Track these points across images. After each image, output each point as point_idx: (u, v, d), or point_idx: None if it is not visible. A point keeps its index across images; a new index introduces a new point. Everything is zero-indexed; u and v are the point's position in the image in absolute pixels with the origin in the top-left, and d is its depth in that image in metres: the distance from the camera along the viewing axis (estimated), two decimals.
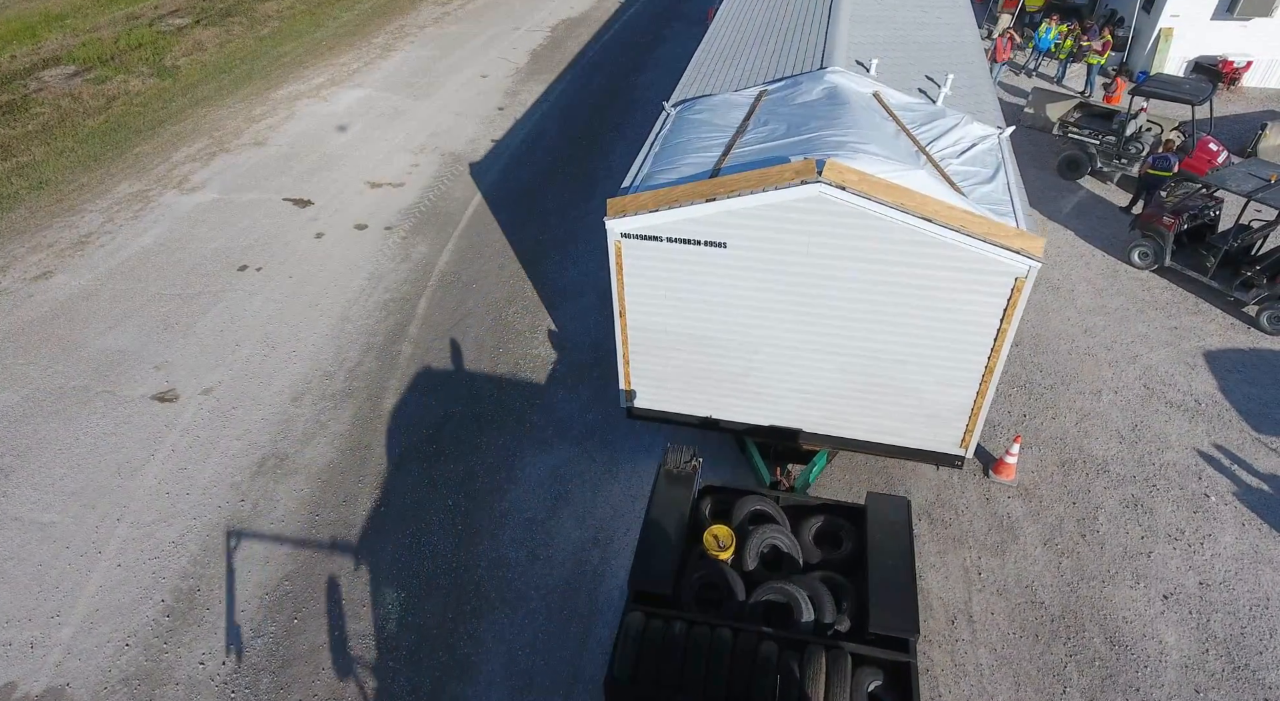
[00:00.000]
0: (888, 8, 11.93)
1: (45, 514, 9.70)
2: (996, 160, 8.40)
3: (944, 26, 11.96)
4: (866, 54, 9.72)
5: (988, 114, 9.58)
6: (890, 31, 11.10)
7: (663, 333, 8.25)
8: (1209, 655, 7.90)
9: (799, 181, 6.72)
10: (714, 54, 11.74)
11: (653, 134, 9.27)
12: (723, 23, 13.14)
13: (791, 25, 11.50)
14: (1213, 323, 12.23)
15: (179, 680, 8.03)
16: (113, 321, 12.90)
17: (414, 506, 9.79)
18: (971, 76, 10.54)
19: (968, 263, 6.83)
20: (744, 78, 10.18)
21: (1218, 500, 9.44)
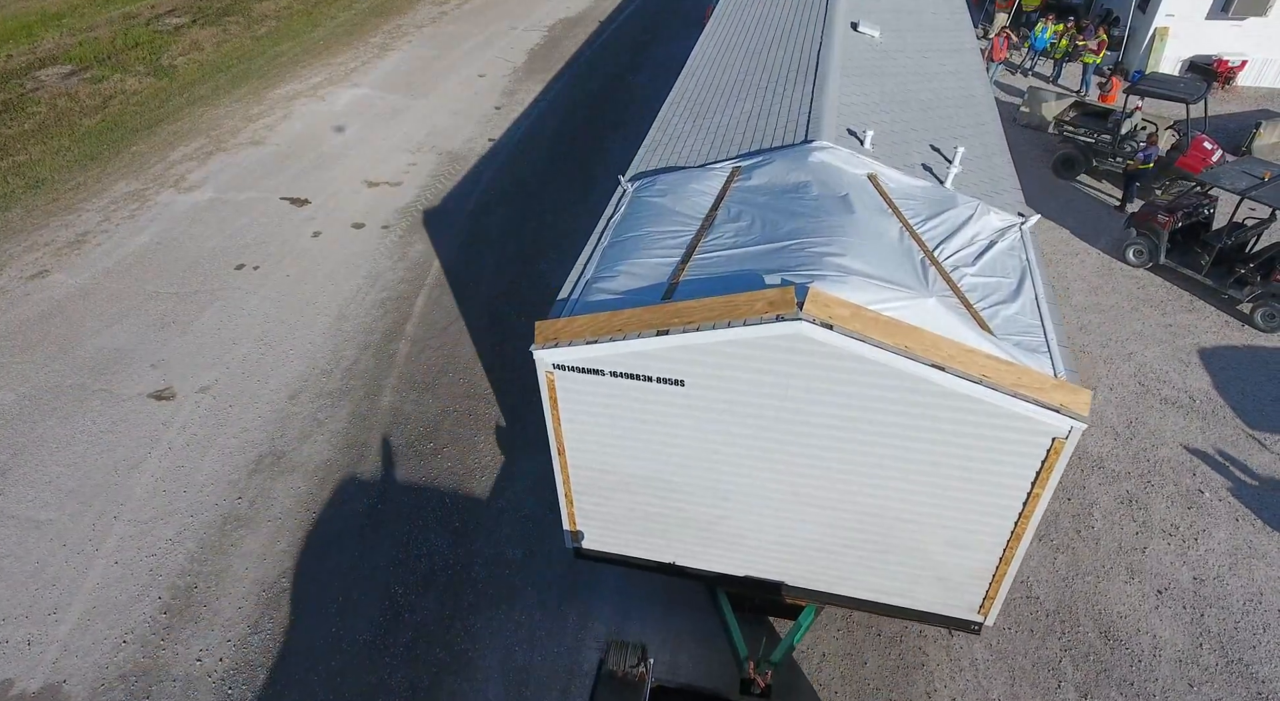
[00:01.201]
0: (883, 55, 10.91)
1: (42, 512, 9.70)
2: (1021, 265, 7.21)
3: (949, 76, 10.99)
4: (860, 118, 8.75)
5: (1006, 193, 8.43)
6: (887, 87, 10.06)
7: (613, 473, 6.97)
8: (1203, 649, 7.94)
9: (774, 317, 5.38)
10: (683, 110, 10.40)
11: (603, 220, 7.96)
12: (696, 68, 11.84)
13: (774, 78, 10.25)
14: (1207, 320, 12.29)
15: (176, 677, 8.04)
16: (109, 320, 12.90)
17: (411, 504, 9.81)
18: (985, 144, 9.43)
19: (992, 420, 5.50)
20: (716, 144, 8.97)
21: (1212, 496, 9.48)
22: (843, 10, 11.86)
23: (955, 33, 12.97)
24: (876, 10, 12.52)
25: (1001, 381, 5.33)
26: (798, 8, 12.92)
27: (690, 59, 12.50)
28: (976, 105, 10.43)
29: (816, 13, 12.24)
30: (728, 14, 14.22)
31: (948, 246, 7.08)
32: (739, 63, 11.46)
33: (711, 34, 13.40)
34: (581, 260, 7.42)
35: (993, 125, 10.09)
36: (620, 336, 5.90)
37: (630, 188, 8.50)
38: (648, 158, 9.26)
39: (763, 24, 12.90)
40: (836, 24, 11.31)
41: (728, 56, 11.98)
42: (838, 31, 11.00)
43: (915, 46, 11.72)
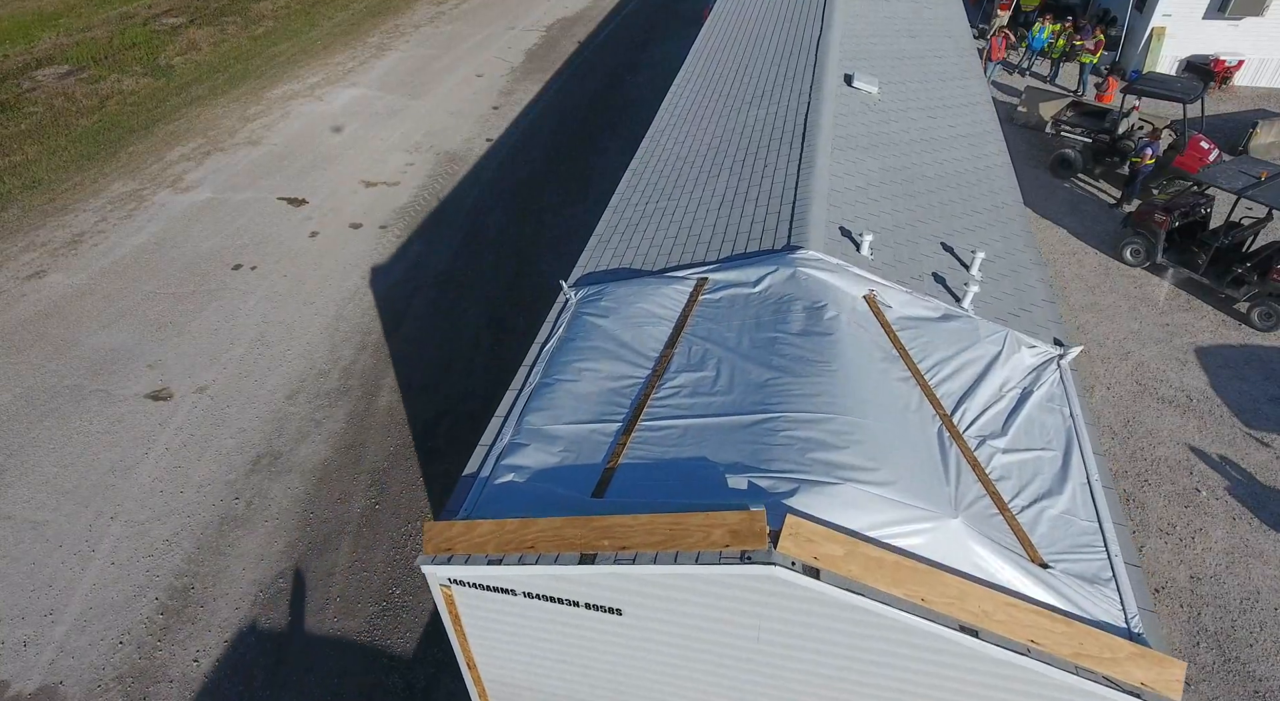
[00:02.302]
0: (882, 117, 9.70)
1: (39, 512, 9.68)
2: (1064, 425, 5.82)
3: (960, 142, 9.76)
4: (855, 208, 7.60)
5: (1036, 307, 6.98)
6: (888, 160, 8.84)
7: (538, 692, 5.95)
8: (1200, 648, 7.95)
9: (739, 555, 4.15)
10: (644, 187, 9.08)
11: (536, 346, 6.83)
12: (665, 128, 10.51)
13: (754, 146, 9.03)
14: (1204, 319, 12.30)
15: (173, 678, 8.03)
16: (106, 320, 12.88)
17: (408, 504, 9.80)
18: (1006, 235, 8.00)
19: (1046, 695, 4.24)
20: (680, 240, 7.70)
21: (1209, 495, 9.50)
22: (835, 59, 10.76)
23: (964, 81, 11.88)
24: (874, 57, 11.50)
25: (1057, 649, 3.99)
26: (785, 53, 11.68)
27: (660, 112, 11.16)
28: (994, 180, 9.16)
29: (805, 60, 11.05)
30: (706, 53, 12.92)
31: (971, 404, 5.67)
32: (715, 122, 10.21)
33: (686, 80, 12.14)
34: (505, 404, 6.15)
35: (1015, 209, 8.64)
36: (532, 556, 4.65)
37: (573, 297, 7.16)
38: (598, 253, 7.94)
39: (744, 71, 11.56)
40: (828, 77, 10.17)
41: (703, 112, 10.70)
42: (829, 86, 9.90)
43: (920, 102, 10.58)
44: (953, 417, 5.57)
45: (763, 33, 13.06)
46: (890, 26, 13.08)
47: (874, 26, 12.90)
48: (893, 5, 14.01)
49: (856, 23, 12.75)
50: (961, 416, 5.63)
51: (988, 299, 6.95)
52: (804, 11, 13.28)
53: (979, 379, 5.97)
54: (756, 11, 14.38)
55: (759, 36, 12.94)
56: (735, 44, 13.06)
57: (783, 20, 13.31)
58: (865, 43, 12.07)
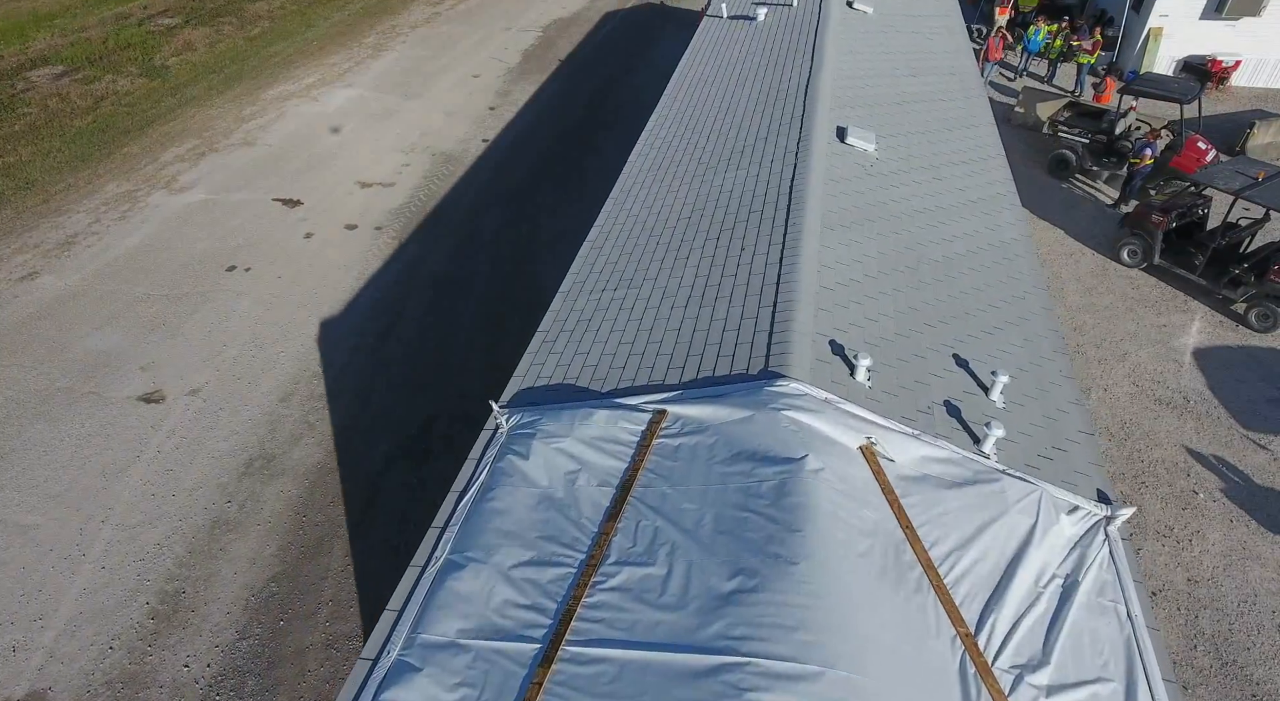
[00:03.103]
0: (880, 181, 8.59)
1: (29, 516, 9.61)
2: (1122, 637, 4.71)
3: (972, 210, 8.54)
4: (849, 312, 6.55)
5: (1071, 443, 5.83)
6: (888, 241, 7.72)
7: None
8: (1197, 651, 7.90)
9: None
10: (602, 267, 7.99)
11: (453, 496, 5.86)
12: (628, 191, 9.37)
13: (729, 219, 7.96)
14: (1201, 320, 12.26)
15: (163, 683, 7.96)
16: (99, 322, 12.81)
17: (402, 507, 9.73)
18: (1029, 336, 6.90)
19: None
20: (637, 348, 6.59)
21: (1206, 497, 9.45)
22: (826, 107, 9.65)
23: (973, 129, 10.69)
24: (871, 102, 10.37)
25: None
26: (770, 97, 10.50)
27: (628, 165, 9.98)
28: (1013, 261, 7.96)
29: (792, 108, 9.85)
30: (682, 94, 11.77)
31: (1000, 614, 4.53)
32: (688, 184, 8.96)
33: (660, 125, 11.05)
34: (388, 618, 5.04)
35: (1038, 300, 7.37)
36: None
37: (505, 425, 6.18)
38: (541, 358, 6.92)
39: (724, 119, 10.33)
40: (818, 130, 9.02)
41: (675, 168, 9.49)
42: (819, 142, 8.75)
43: (923, 159, 9.39)
44: (977, 637, 4.38)
45: (746, 71, 12.00)
46: (888, 64, 12.08)
47: (870, 64, 11.89)
48: (890, 38, 13.11)
49: (850, 60, 11.71)
50: (989, 635, 4.41)
51: (1013, 432, 5.75)
52: (792, 45, 12.30)
53: (1009, 570, 4.74)
54: (740, 45, 13.36)
55: (741, 76, 11.85)
56: (715, 84, 11.94)
57: (768, 56, 12.25)
58: (860, 85, 10.99)
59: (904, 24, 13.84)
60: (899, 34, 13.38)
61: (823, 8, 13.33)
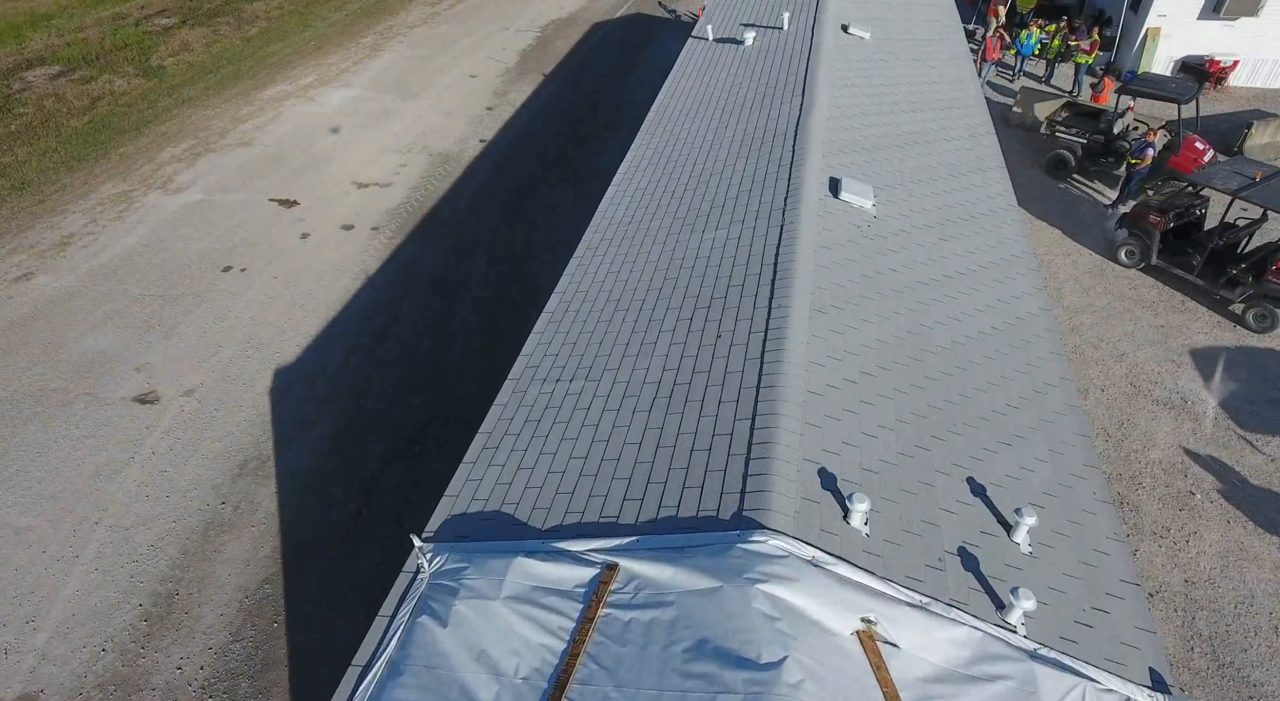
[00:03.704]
0: (878, 244, 7.64)
1: (22, 517, 9.57)
2: None
3: (983, 280, 7.58)
4: (842, 426, 5.58)
5: (1115, 602, 4.98)
6: (889, 324, 6.79)
7: None
8: (1194, 653, 7.87)
9: None
10: (558, 348, 7.17)
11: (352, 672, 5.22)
12: (595, 253, 8.38)
13: (707, 301, 6.98)
14: (1199, 320, 12.24)
15: (156, 685, 7.92)
16: (94, 323, 12.77)
17: (397, 509, 9.70)
18: (1057, 445, 5.99)
19: None
20: (589, 467, 5.66)
21: (1203, 497, 9.43)
22: (818, 153, 8.67)
23: (981, 173, 9.58)
24: (868, 144, 9.46)
25: None
26: (756, 138, 9.56)
27: (598, 215, 9.05)
28: (1033, 345, 6.99)
29: (780, 154, 8.87)
30: (660, 131, 10.78)
31: None
32: (661, 244, 8.05)
33: (634, 168, 10.06)
34: None
35: (1064, 396, 6.48)
36: None
37: (427, 568, 5.30)
38: (476, 475, 5.96)
39: (704, 164, 9.45)
40: (808, 182, 8.06)
41: (648, 223, 8.56)
42: (809, 197, 7.79)
43: (928, 214, 8.39)
44: None
45: (730, 106, 11.02)
46: (887, 98, 11.10)
47: (867, 98, 10.89)
48: (888, 67, 12.08)
49: (845, 95, 10.73)
50: None
51: (1041, 587, 4.84)
52: (782, 76, 11.28)
53: None
54: (725, 73, 12.36)
55: (725, 111, 10.92)
56: (697, 119, 10.98)
57: (756, 87, 11.25)
58: (856, 124, 10.04)
59: (903, 50, 12.85)
60: (898, 62, 12.40)
61: (815, 32, 12.30)
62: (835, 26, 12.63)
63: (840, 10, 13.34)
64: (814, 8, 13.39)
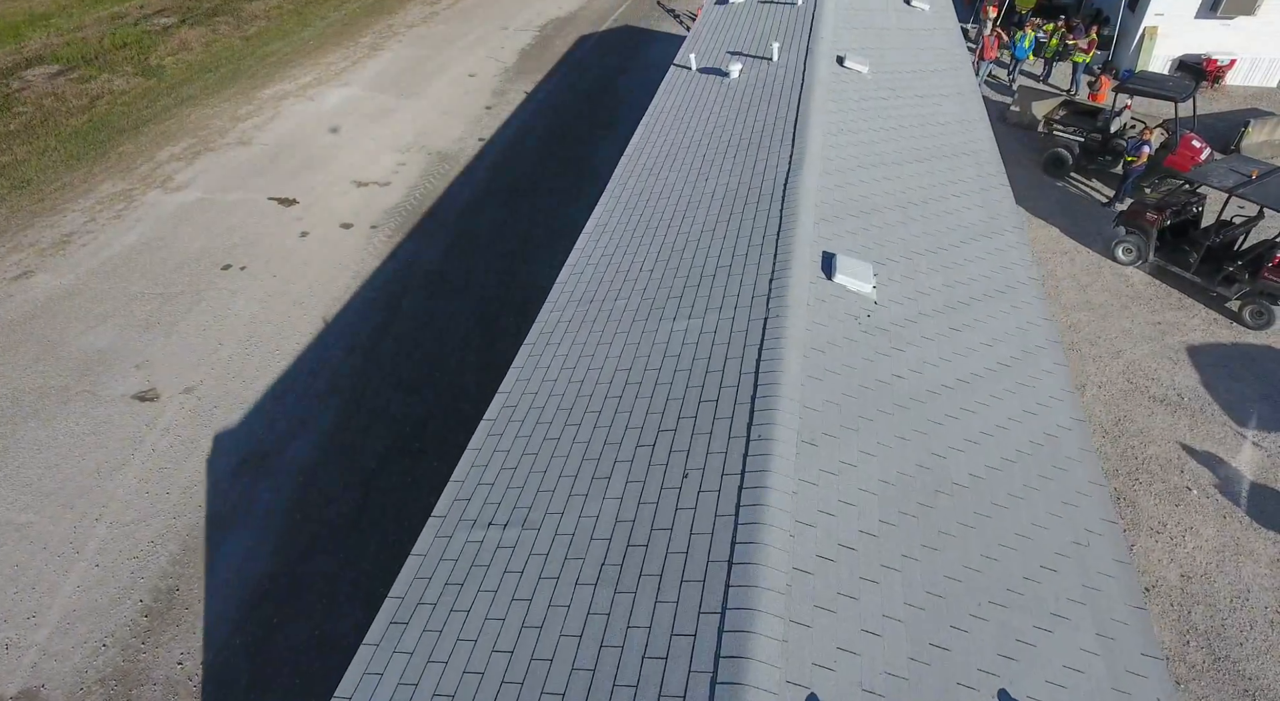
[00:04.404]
0: (881, 339, 6.56)
1: (22, 514, 9.59)
2: None
3: (1001, 383, 6.50)
4: (834, 624, 4.42)
5: None
6: (894, 456, 5.55)
7: None
8: (1190, 647, 7.91)
9: None
10: (495, 474, 6.03)
11: None
12: (546, 341, 7.38)
13: (673, 421, 5.85)
14: (1196, 318, 12.28)
15: (156, 680, 7.95)
16: (94, 321, 12.79)
17: (396, 505, 9.73)
18: (1102, 611, 4.90)
19: None
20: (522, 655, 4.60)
21: (1200, 493, 9.47)
22: (809, 220, 7.62)
23: (997, 238, 8.37)
24: (867, 204, 8.33)
25: None
26: (740, 195, 8.48)
27: (546, 307, 7.83)
28: (1068, 472, 5.84)
29: (766, 219, 7.82)
30: (633, 181, 9.70)
31: None
32: (623, 336, 6.96)
33: (595, 238, 8.79)
34: None
35: (1112, 540, 5.37)
36: None
37: None
38: (376, 672, 4.81)
39: (679, 228, 8.26)
40: (798, 257, 6.98)
41: (606, 305, 7.50)
42: (799, 279, 6.70)
43: (937, 297, 7.26)
44: None
45: (712, 154, 9.85)
46: (888, 145, 9.86)
47: (866, 147, 9.67)
48: (889, 107, 10.81)
49: (842, 142, 9.50)
50: None
51: None
52: (770, 118, 10.15)
53: None
54: (708, 111, 11.12)
55: (706, 160, 9.74)
56: (674, 169, 9.77)
57: (741, 131, 10.08)
58: (853, 180, 8.84)
59: (905, 85, 11.68)
60: (899, 100, 11.15)
61: (808, 66, 11.18)
62: (830, 60, 11.47)
63: (835, 40, 12.24)
64: (806, 37, 12.31)
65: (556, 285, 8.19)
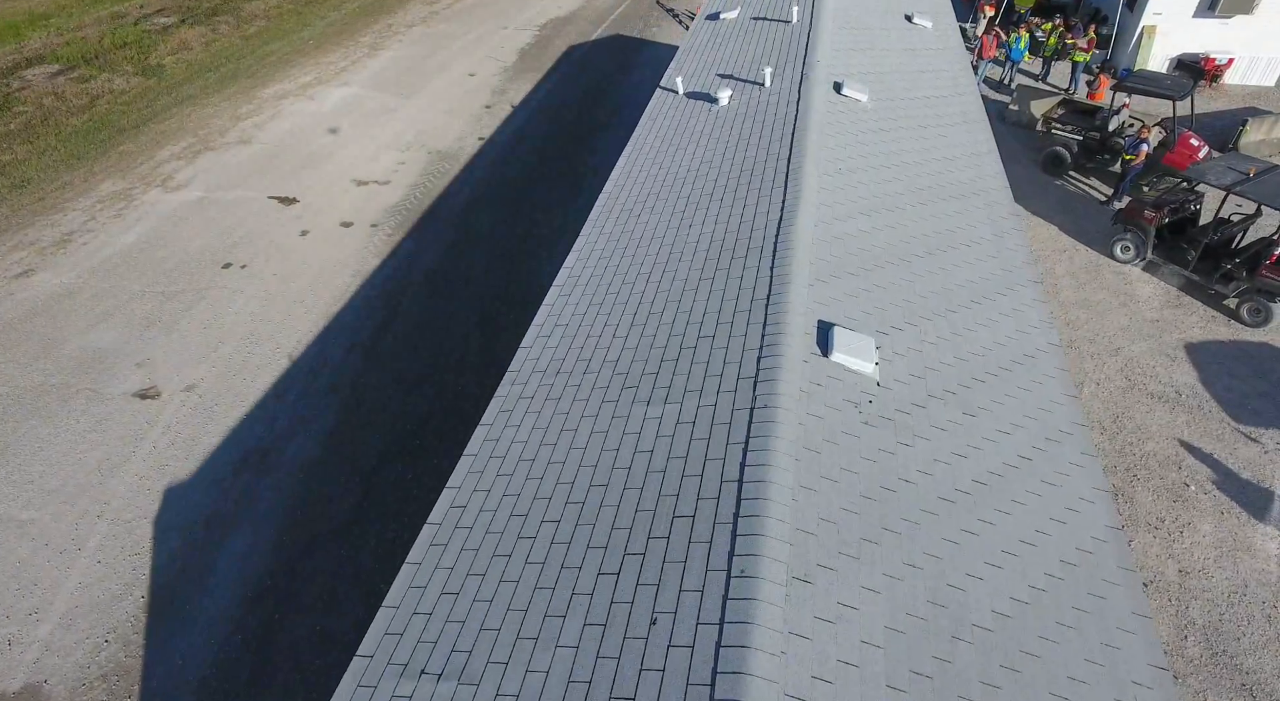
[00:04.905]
0: (888, 435, 5.67)
1: (24, 511, 9.62)
2: None
3: (1023, 483, 5.60)
4: None
5: None
6: (899, 596, 4.66)
7: None
8: (1188, 642, 7.95)
9: None
10: (434, 601, 5.15)
11: None
12: (505, 424, 6.55)
13: (640, 534, 5.03)
14: (1194, 315, 12.32)
15: (158, 676, 7.98)
16: (94, 319, 12.82)
17: (396, 502, 9.76)
18: None
19: None
20: None
21: (1197, 489, 9.51)
22: (803, 280, 6.81)
23: (1013, 294, 7.60)
24: (868, 257, 7.51)
25: None
26: (725, 248, 7.65)
27: (502, 387, 6.95)
28: (1110, 606, 4.94)
29: (754, 276, 7.00)
30: (610, 226, 8.93)
31: None
32: (586, 417, 6.20)
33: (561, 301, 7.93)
34: None
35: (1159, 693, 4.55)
36: None
37: None
38: None
39: (656, 288, 7.43)
40: (790, 330, 6.16)
41: (574, 383, 6.64)
42: (790, 364, 5.83)
43: (948, 374, 6.39)
44: None
45: (698, 195, 8.95)
46: (890, 188, 8.93)
47: (865, 187, 8.78)
48: (891, 140, 10.01)
49: (839, 183, 8.65)
50: None
51: None
52: (761, 153, 9.30)
53: None
54: (694, 143, 10.24)
55: (692, 201, 8.86)
56: (656, 210, 8.96)
57: (730, 168, 9.24)
58: (852, 229, 7.92)
59: (907, 113, 10.88)
60: (902, 131, 10.33)
61: (803, 93, 10.38)
62: (826, 86, 10.65)
63: (832, 63, 11.40)
64: (802, 59, 11.47)
65: (521, 349, 7.39)
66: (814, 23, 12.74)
